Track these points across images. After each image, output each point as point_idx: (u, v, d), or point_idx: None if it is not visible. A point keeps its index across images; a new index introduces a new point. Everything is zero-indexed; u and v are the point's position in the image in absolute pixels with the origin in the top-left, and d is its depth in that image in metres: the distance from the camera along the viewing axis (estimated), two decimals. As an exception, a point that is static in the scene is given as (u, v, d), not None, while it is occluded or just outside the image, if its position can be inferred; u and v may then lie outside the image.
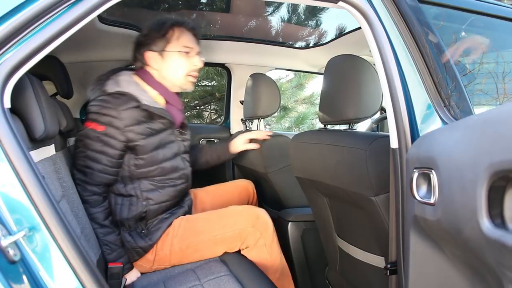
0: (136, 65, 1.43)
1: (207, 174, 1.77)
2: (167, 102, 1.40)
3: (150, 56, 1.39)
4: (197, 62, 1.41)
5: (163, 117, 1.34)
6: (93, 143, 1.24)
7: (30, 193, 0.71)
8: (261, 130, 2.05)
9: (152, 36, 1.38)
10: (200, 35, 1.47)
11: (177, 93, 1.47)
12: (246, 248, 1.37)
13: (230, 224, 1.34)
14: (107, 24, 1.78)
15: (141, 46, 1.40)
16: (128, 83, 1.31)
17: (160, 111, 1.33)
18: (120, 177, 1.31)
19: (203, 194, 1.67)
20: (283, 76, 5.06)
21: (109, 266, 1.20)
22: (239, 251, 1.39)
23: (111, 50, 2.09)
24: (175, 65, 1.38)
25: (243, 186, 1.79)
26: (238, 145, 1.74)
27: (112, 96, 1.27)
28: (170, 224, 1.35)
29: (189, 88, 1.44)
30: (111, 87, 1.29)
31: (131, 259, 1.30)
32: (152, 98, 1.34)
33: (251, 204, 1.79)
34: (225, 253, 1.38)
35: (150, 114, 1.30)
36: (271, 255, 1.37)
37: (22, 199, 0.71)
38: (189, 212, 1.48)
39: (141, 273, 1.34)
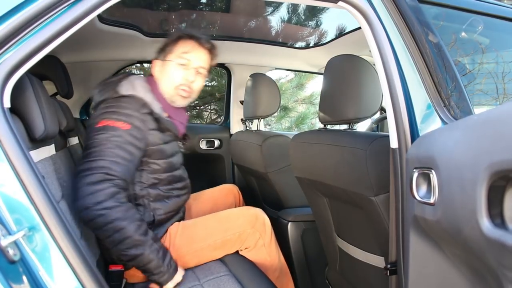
0: (150, 72, 1.41)
1: (207, 175, 1.78)
2: (169, 116, 1.34)
3: (154, 64, 1.38)
4: (191, 76, 1.33)
5: (169, 130, 1.31)
6: (117, 139, 1.14)
7: (30, 193, 0.71)
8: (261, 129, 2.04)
9: (161, 46, 1.38)
10: (215, 55, 1.42)
11: (183, 108, 1.42)
12: (246, 249, 1.36)
13: (229, 227, 1.32)
14: (107, 24, 1.78)
15: (156, 54, 1.40)
16: (143, 88, 1.27)
17: (168, 123, 1.30)
18: (130, 184, 1.24)
19: (191, 200, 1.61)
20: (283, 76, 5.07)
21: (110, 269, 1.19)
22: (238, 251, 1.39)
23: (111, 50, 2.09)
24: (169, 75, 1.33)
25: (228, 189, 1.75)
26: None
27: (129, 98, 1.22)
28: (166, 231, 1.32)
29: (180, 102, 1.36)
30: (126, 89, 1.24)
31: (126, 267, 1.25)
32: (161, 108, 1.30)
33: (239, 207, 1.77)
34: (225, 253, 1.38)
35: (159, 124, 1.27)
36: (270, 255, 1.37)
37: (22, 199, 0.71)
38: (183, 218, 1.46)
39: (134, 283, 1.29)
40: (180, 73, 1.33)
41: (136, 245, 1.09)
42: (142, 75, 1.37)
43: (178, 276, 1.19)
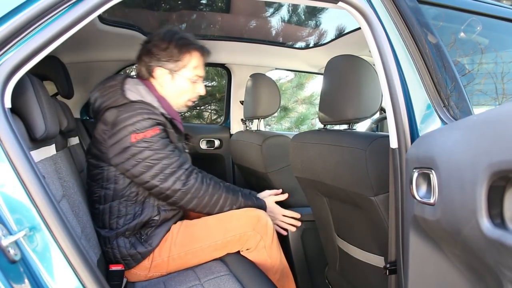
0: (141, 73, 1.39)
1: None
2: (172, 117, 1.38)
3: (161, 73, 1.37)
4: (201, 90, 1.43)
5: (175, 130, 1.35)
6: (159, 144, 1.23)
7: (30, 193, 0.71)
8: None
9: (170, 54, 1.35)
10: (208, 59, 1.46)
11: None
12: (247, 250, 1.36)
13: (231, 228, 1.33)
14: (107, 25, 1.78)
15: (153, 58, 1.35)
16: (147, 93, 1.30)
17: (176, 124, 1.35)
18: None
19: None
20: (283, 76, 5.07)
21: (110, 269, 1.20)
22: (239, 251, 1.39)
23: (112, 50, 2.09)
24: (181, 89, 1.39)
25: None
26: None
27: (142, 103, 1.26)
28: (169, 229, 1.33)
29: (184, 110, 1.47)
30: (134, 96, 1.26)
31: (128, 266, 1.27)
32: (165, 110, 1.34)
33: None
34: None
35: (165, 126, 1.31)
36: (271, 257, 1.37)
37: (22, 199, 0.71)
38: (184, 216, 1.46)
39: (134, 282, 1.30)
40: (193, 87, 1.41)
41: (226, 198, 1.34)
42: (136, 78, 1.37)
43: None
